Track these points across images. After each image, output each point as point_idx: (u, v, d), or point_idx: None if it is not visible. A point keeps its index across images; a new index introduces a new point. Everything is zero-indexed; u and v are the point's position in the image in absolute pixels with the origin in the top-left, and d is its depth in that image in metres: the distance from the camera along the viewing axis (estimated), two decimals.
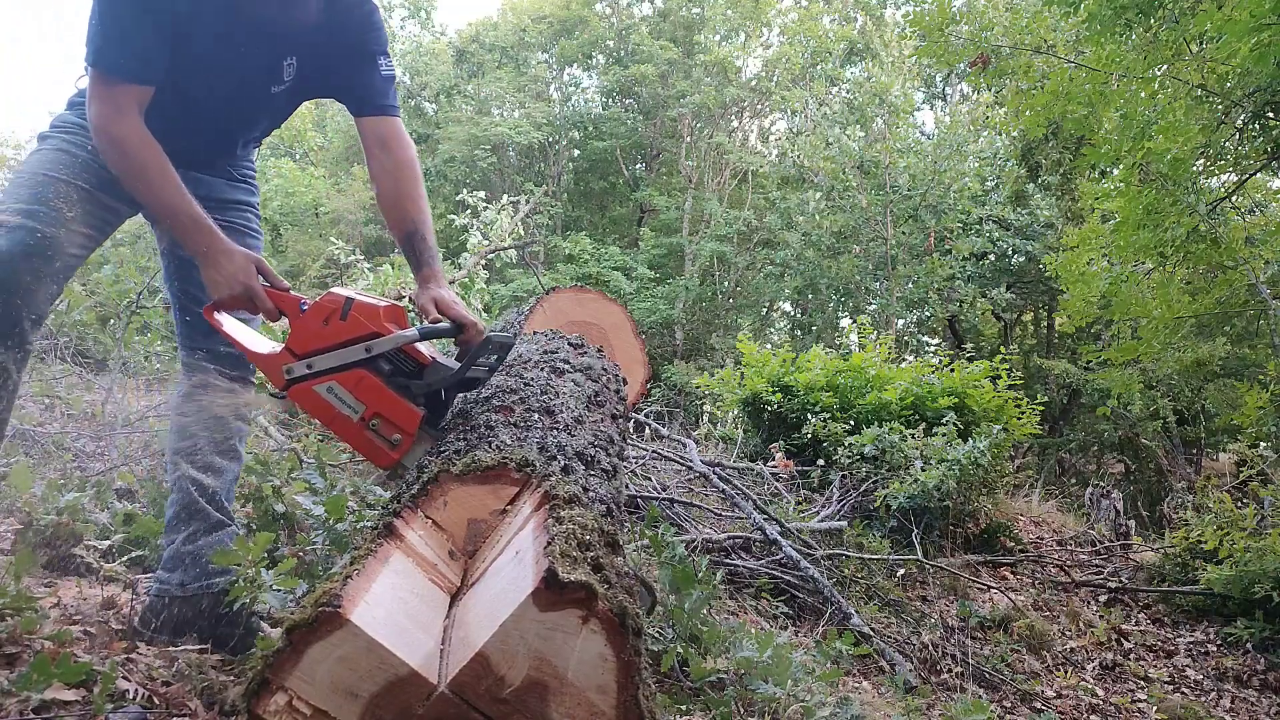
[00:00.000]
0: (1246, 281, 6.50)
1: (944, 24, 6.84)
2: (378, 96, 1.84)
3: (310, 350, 1.54)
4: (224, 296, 1.61)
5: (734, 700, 2.19)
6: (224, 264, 1.59)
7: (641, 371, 3.45)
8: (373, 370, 1.52)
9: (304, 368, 1.53)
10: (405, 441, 1.53)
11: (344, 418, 1.53)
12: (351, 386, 1.52)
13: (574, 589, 0.84)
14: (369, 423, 1.52)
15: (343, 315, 1.52)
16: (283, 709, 0.85)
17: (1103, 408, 10.79)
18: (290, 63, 1.75)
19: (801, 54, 20.47)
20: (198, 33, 1.59)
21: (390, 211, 1.84)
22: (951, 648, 3.65)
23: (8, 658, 1.56)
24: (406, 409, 1.53)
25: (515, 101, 23.64)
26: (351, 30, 1.78)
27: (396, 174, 1.84)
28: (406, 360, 1.57)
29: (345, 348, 1.52)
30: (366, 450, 1.54)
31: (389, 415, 1.52)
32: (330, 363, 1.52)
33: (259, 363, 1.61)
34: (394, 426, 1.52)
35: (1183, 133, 5.79)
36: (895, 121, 16.72)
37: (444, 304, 1.68)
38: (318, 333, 1.54)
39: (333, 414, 1.53)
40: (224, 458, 1.91)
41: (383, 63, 1.83)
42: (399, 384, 1.54)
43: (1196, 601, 5.22)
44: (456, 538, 1.18)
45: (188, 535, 1.85)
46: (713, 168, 22.08)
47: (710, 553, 3.79)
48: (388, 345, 1.52)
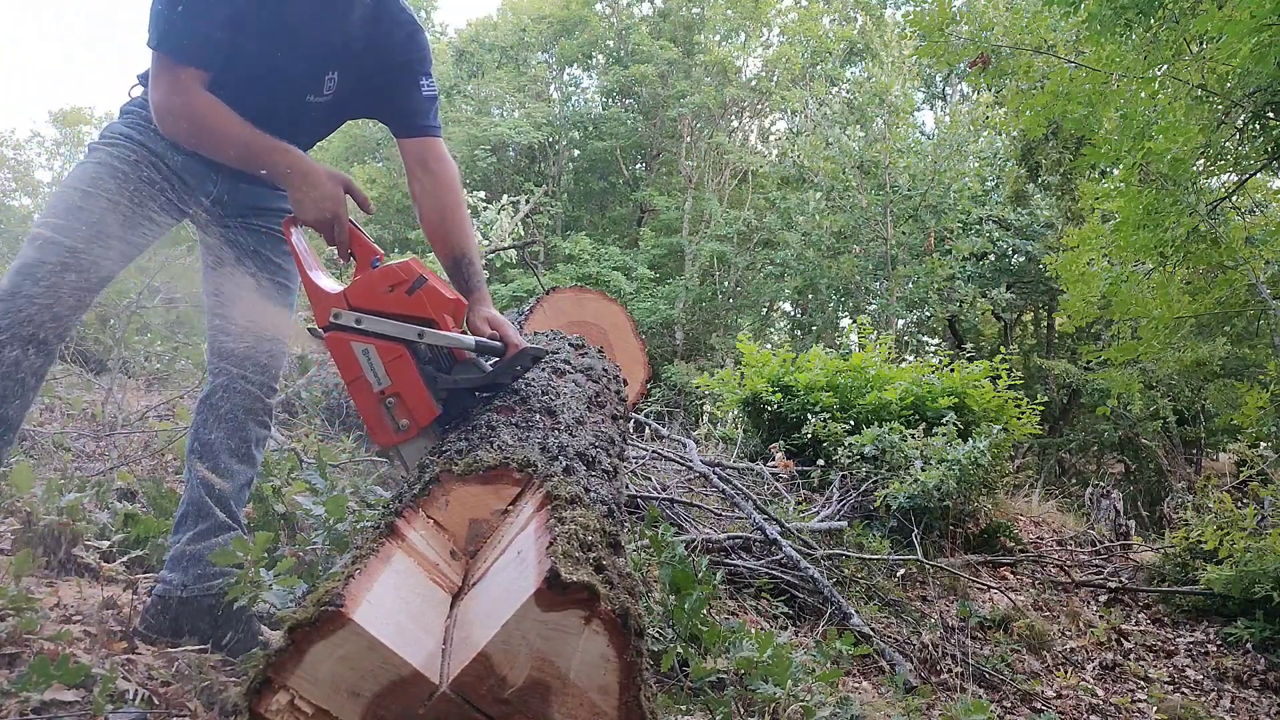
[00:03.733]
0: (1246, 281, 6.50)
1: (944, 24, 6.83)
2: (419, 118, 1.84)
3: (366, 308, 1.53)
4: (310, 219, 1.61)
5: (734, 700, 2.19)
6: (316, 184, 1.60)
7: (641, 372, 3.45)
8: (413, 353, 1.52)
9: (353, 320, 1.52)
10: (411, 429, 1.53)
11: (366, 382, 1.52)
12: (386, 359, 1.51)
13: (576, 589, 0.84)
14: (386, 398, 1.52)
15: (410, 290, 1.52)
16: (284, 709, 0.85)
17: (1103, 408, 10.79)
18: (331, 77, 1.76)
19: (801, 54, 20.48)
20: (246, 28, 1.60)
21: (434, 235, 1.85)
22: (951, 648, 3.65)
23: (8, 658, 1.56)
24: (427, 401, 1.53)
25: (515, 101, 23.64)
26: (395, 50, 1.78)
27: (439, 196, 1.84)
28: (444, 354, 1.57)
29: (401, 321, 1.51)
30: (373, 421, 1.54)
31: (408, 400, 1.52)
32: (380, 328, 1.52)
33: (313, 293, 1.60)
34: (407, 411, 1.52)
35: (1183, 133, 5.79)
36: (895, 121, 16.72)
37: (496, 323, 1.69)
38: (380, 295, 1.53)
39: (357, 373, 1.52)
40: (238, 461, 1.91)
41: (425, 84, 1.83)
42: (429, 374, 1.54)
43: (1196, 601, 5.22)
44: (458, 538, 1.18)
45: (193, 535, 1.86)
46: (713, 168, 22.08)
47: (710, 553, 3.79)
48: (441, 341, 1.52)
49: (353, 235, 1.64)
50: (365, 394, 1.53)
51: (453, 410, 1.59)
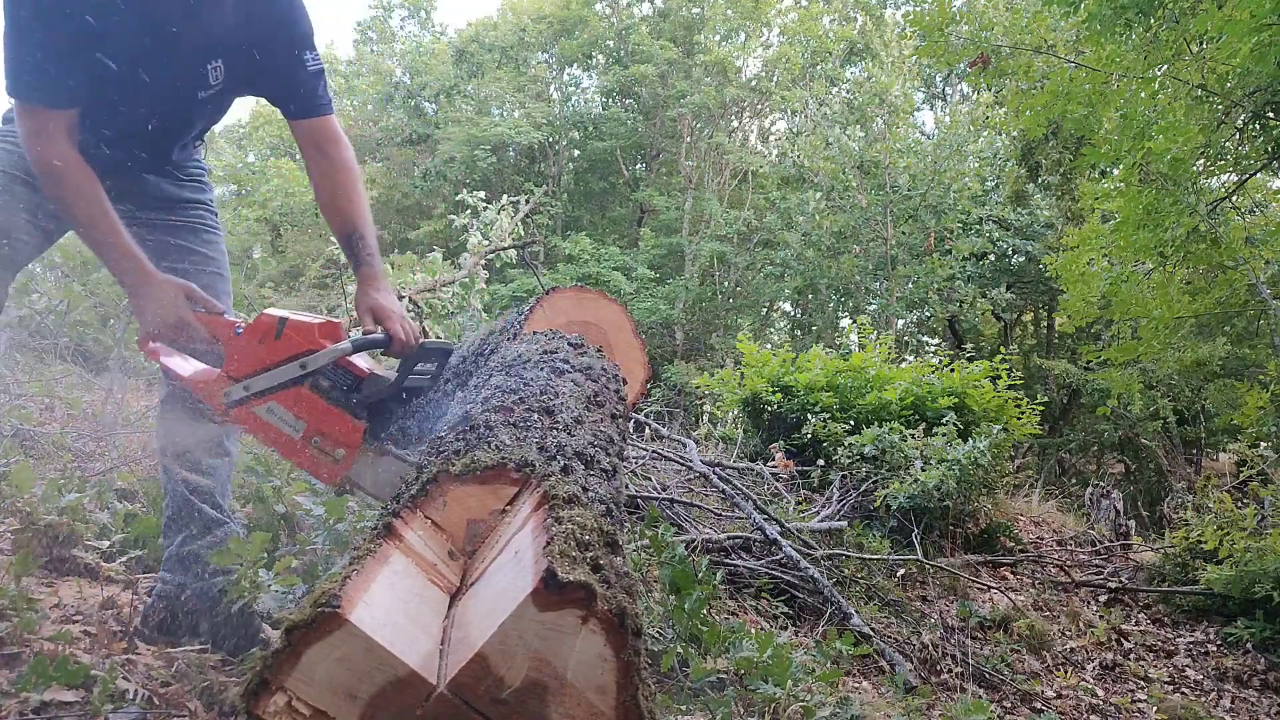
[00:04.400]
0: (1246, 281, 6.50)
1: (944, 24, 6.83)
2: (306, 97, 1.79)
3: (247, 372, 1.53)
4: (155, 328, 1.60)
5: (734, 700, 2.19)
6: (154, 294, 1.59)
7: (641, 372, 3.44)
8: (311, 387, 1.52)
9: (241, 390, 1.53)
10: (349, 456, 1.52)
11: (286, 437, 1.52)
12: (290, 405, 1.52)
13: (573, 589, 0.84)
14: (311, 440, 1.52)
15: (277, 335, 1.52)
16: (282, 710, 0.85)
17: (1103, 408, 10.78)
18: (216, 65, 1.70)
19: (801, 54, 20.47)
20: (111, 50, 1.56)
21: (328, 212, 1.81)
22: (951, 648, 3.65)
23: (8, 658, 1.56)
24: (347, 423, 1.52)
25: (515, 101, 23.63)
26: (271, 26, 1.70)
27: (334, 176, 1.80)
28: (345, 375, 1.56)
29: (281, 366, 1.51)
30: (311, 467, 1.54)
31: (330, 431, 1.52)
32: (267, 383, 1.52)
33: (198, 389, 1.60)
34: (336, 442, 1.52)
35: (1183, 133, 5.79)
36: (895, 121, 16.71)
37: (380, 312, 1.66)
38: (253, 354, 1.53)
39: (275, 434, 1.52)
40: (214, 456, 1.91)
41: (309, 57, 1.76)
42: (338, 399, 1.54)
43: (1196, 601, 5.22)
44: (456, 538, 1.18)
45: (185, 537, 1.86)
46: (713, 168, 22.07)
47: (710, 553, 3.79)
48: (322, 360, 1.51)
49: (205, 321, 1.63)
50: (292, 446, 1.53)
51: (380, 421, 1.59)
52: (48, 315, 4.83)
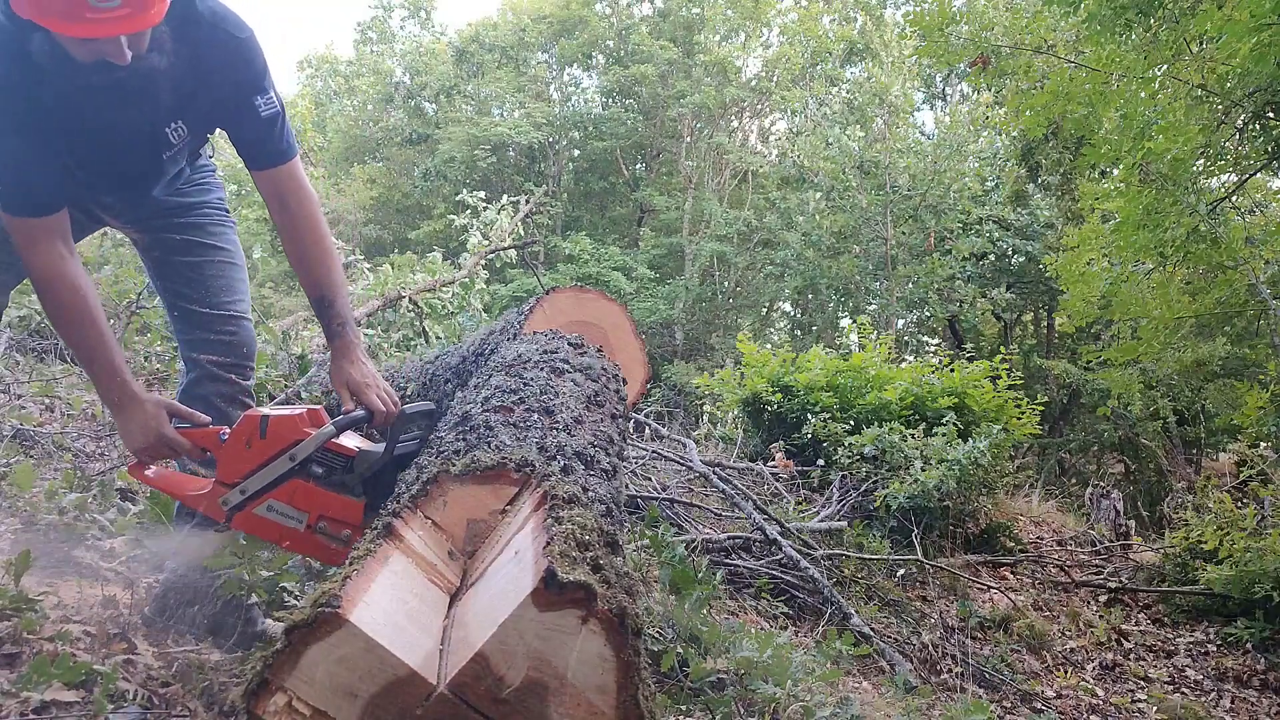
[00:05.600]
0: (1246, 281, 6.49)
1: (944, 24, 6.83)
2: (262, 146, 1.74)
3: (240, 476, 1.55)
4: (139, 447, 1.63)
5: (734, 700, 2.19)
6: (135, 414, 1.61)
7: (641, 371, 3.44)
8: (305, 477, 1.54)
9: (238, 494, 1.55)
10: (355, 536, 1.53)
11: (291, 530, 1.54)
12: (288, 498, 1.54)
13: (573, 589, 0.84)
14: (315, 527, 1.54)
15: (262, 434, 1.55)
16: (282, 709, 0.85)
17: (1103, 408, 10.78)
18: (176, 125, 1.70)
19: (801, 54, 20.46)
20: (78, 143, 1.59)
21: (298, 270, 1.79)
22: (951, 648, 3.65)
23: (8, 658, 1.56)
24: (347, 504, 1.54)
25: (515, 101, 23.62)
26: (217, 76, 1.66)
27: (296, 233, 1.76)
28: (335, 457, 1.58)
29: (272, 464, 1.53)
30: (322, 554, 1.56)
31: (333, 515, 1.54)
32: (261, 482, 1.54)
33: (194, 504, 1.62)
34: (340, 524, 1.54)
35: (1183, 133, 5.79)
36: (895, 121, 16.71)
37: (356, 387, 1.67)
38: (243, 457, 1.55)
39: (280, 530, 1.54)
40: None
41: (260, 102, 1.69)
42: (334, 482, 1.56)
43: (1196, 601, 5.22)
44: (456, 538, 1.18)
45: (192, 526, 1.88)
46: (713, 168, 22.07)
47: (710, 553, 3.79)
48: (310, 448, 1.54)
49: (189, 434, 1.65)
50: (299, 538, 1.55)
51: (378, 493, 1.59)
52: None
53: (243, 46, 1.67)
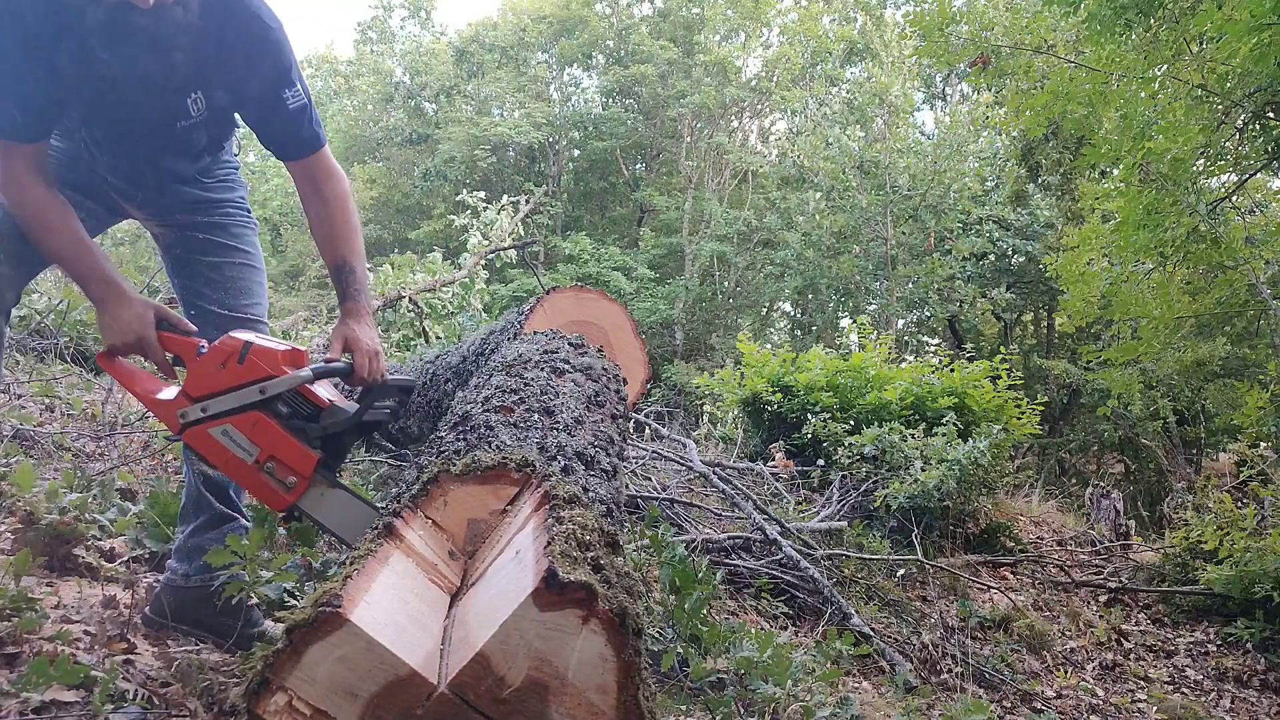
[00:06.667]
0: (1246, 281, 6.50)
1: (944, 24, 6.83)
2: (292, 138, 1.76)
3: (205, 394, 1.53)
4: (116, 343, 1.61)
5: (734, 700, 2.19)
6: (119, 312, 1.59)
7: (641, 371, 3.45)
8: (269, 413, 1.52)
9: (199, 411, 1.52)
10: (300, 485, 1.53)
11: (239, 461, 1.52)
12: (247, 429, 1.52)
13: (574, 589, 0.84)
14: (264, 465, 1.52)
15: (240, 359, 1.52)
16: (282, 709, 0.85)
17: (1103, 408, 10.78)
18: (196, 98, 1.68)
19: (801, 54, 20.47)
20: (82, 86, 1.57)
21: (323, 247, 1.81)
22: (951, 648, 3.65)
23: (8, 658, 1.56)
24: (302, 452, 1.52)
25: (515, 101, 23.63)
26: (246, 59, 1.66)
27: (326, 212, 1.80)
28: (305, 403, 1.56)
29: (240, 390, 1.52)
30: (261, 493, 1.54)
31: (284, 458, 1.52)
32: (225, 405, 1.52)
33: (153, 408, 1.61)
34: (289, 469, 1.52)
35: (1183, 133, 5.79)
36: (895, 121, 16.72)
37: (353, 343, 1.67)
38: (214, 376, 1.53)
39: (227, 457, 1.52)
40: None
41: (289, 95, 1.71)
42: (295, 427, 1.54)
43: (1196, 601, 5.22)
44: (456, 538, 1.18)
45: (194, 528, 1.88)
46: (713, 168, 22.07)
47: (710, 553, 3.79)
48: (282, 386, 1.52)
49: (168, 341, 1.63)
50: (244, 471, 1.53)
51: (334, 453, 1.59)
52: (48, 315, 4.83)
53: (272, 36, 1.67)
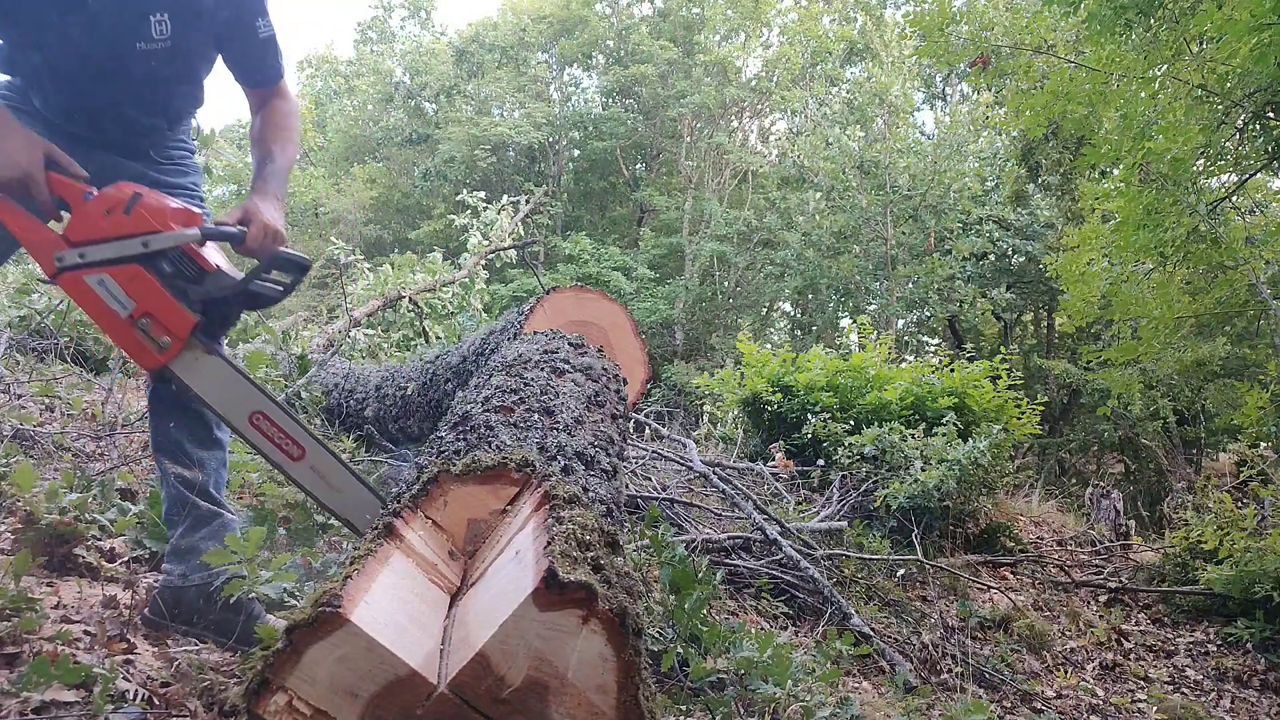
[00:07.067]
0: (1246, 281, 6.49)
1: (944, 24, 6.83)
2: (260, 68, 1.79)
3: (85, 239, 1.49)
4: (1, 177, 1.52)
5: (734, 700, 2.19)
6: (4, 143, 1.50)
7: (641, 371, 3.45)
8: (150, 269, 1.49)
9: (76, 256, 1.48)
10: (174, 345, 1.49)
11: (111, 313, 1.48)
12: (124, 282, 1.48)
13: (574, 589, 0.84)
14: (137, 321, 1.48)
15: (126, 209, 1.48)
16: (283, 709, 0.85)
17: (1103, 408, 10.78)
18: (160, 19, 1.64)
19: (801, 54, 20.47)
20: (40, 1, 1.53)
21: (253, 143, 1.82)
22: (951, 648, 3.65)
23: (8, 658, 1.56)
24: (179, 312, 1.49)
25: (515, 101, 23.63)
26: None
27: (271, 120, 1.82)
28: (190, 265, 1.53)
29: (122, 241, 1.48)
30: (132, 349, 1.50)
31: (159, 316, 1.49)
32: (105, 254, 1.48)
33: (31, 245, 1.54)
34: (163, 328, 1.49)
35: (1183, 133, 5.79)
36: (895, 121, 16.72)
37: (251, 212, 1.63)
38: (97, 223, 1.49)
39: (101, 307, 1.48)
40: (204, 448, 1.88)
41: (260, 24, 1.74)
42: (177, 287, 1.51)
43: (1196, 601, 5.22)
44: (456, 538, 1.18)
45: (184, 530, 1.86)
46: (713, 168, 22.08)
47: (710, 553, 3.79)
48: (167, 242, 1.48)
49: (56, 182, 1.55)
50: (116, 324, 1.48)
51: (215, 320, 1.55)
52: (48, 315, 4.83)
53: None
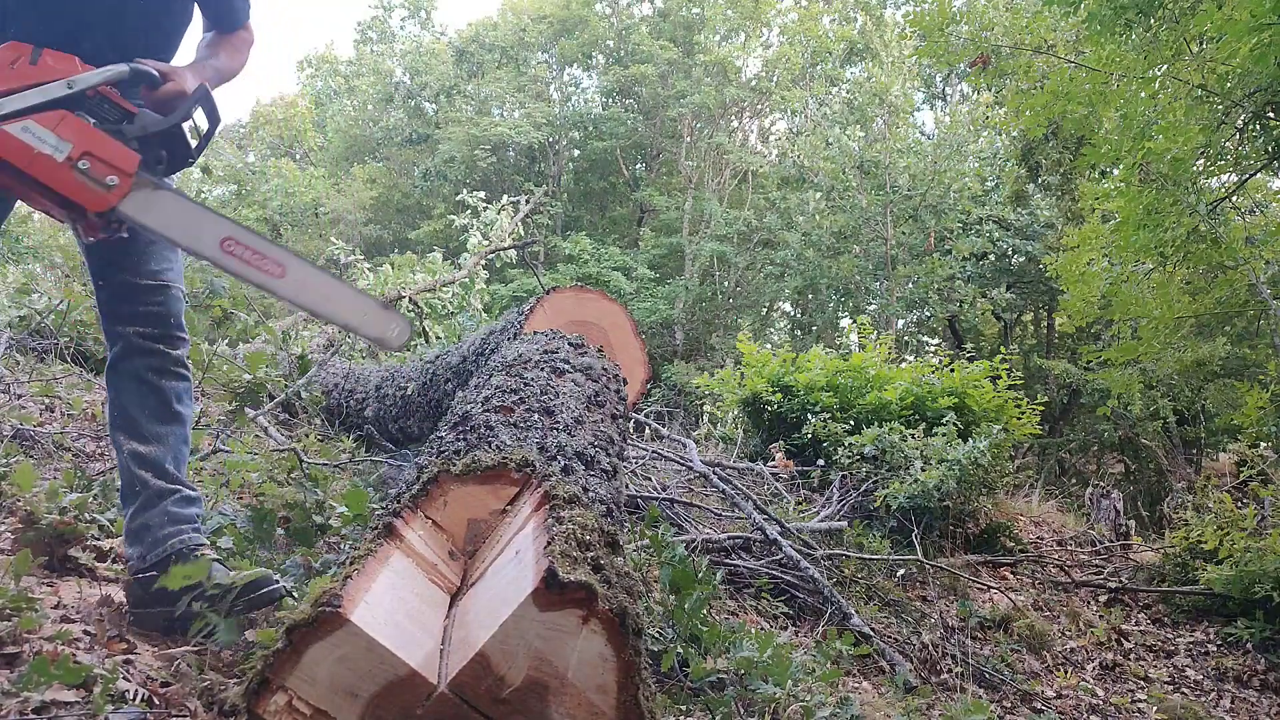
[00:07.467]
0: (1246, 281, 6.49)
1: (944, 24, 6.83)
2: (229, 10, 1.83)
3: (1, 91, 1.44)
4: None
5: (734, 700, 2.19)
6: None
7: (641, 371, 3.45)
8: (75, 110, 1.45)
9: None
10: (123, 183, 1.46)
11: (45, 157, 1.42)
12: (52, 125, 1.43)
13: (574, 589, 0.84)
14: (76, 164, 1.43)
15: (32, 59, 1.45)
16: (283, 709, 0.85)
17: (1103, 408, 10.78)
18: None
19: (801, 54, 20.47)
20: None
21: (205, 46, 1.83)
22: (951, 648, 3.65)
23: (8, 658, 1.56)
24: (122, 149, 1.46)
25: (515, 101, 23.63)
26: None
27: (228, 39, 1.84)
28: (114, 109, 1.50)
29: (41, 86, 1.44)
30: (77, 193, 1.45)
31: (100, 153, 1.44)
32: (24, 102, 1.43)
33: None
34: (109, 167, 1.45)
35: (1183, 133, 5.79)
36: (895, 121, 16.72)
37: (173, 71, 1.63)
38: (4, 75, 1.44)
39: (30, 155, 1.42)
40: (161, 424, 1.84)
41: None
42: (110, 129, 1.48)
43: (1196, 601, 5.22)
44: (456, 538, 1.18)
45: (135, 509, 1.80)
46: (713, 168, 22.07)
47: (710, 553, 3.79)
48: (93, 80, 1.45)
49: None
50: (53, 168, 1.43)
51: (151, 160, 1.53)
52: (48, 315, 4.83)
53: None
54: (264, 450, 3.30)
